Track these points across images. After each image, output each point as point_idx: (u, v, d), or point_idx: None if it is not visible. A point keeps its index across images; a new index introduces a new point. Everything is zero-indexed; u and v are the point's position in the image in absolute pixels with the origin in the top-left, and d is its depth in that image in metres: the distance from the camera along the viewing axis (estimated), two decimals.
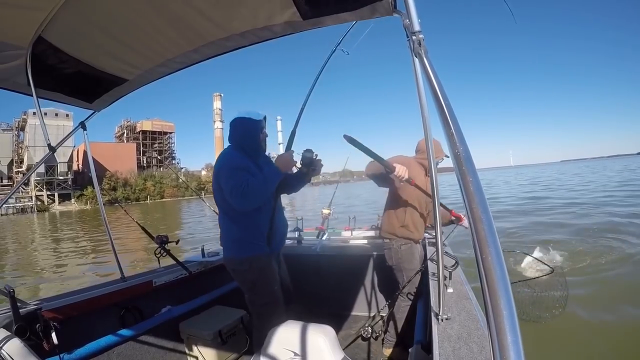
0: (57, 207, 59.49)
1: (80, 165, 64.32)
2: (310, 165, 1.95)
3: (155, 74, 1.78)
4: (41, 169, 55.43)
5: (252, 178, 1.68)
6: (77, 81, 1.72)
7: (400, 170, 1.98)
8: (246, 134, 1.86)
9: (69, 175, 61.79)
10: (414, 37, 0.92)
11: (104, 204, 2.29)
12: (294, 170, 2.00)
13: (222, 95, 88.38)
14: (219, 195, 1.80)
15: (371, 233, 3.29)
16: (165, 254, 2.23)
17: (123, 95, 1.95)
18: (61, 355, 1.54)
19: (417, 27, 0.94)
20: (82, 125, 2.03)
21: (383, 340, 2.54)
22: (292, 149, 2.02)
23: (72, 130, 2.20)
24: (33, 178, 58.08)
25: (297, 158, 1.92)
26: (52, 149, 1.75)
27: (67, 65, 1.59)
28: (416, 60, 0.93)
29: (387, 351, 2.46)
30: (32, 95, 1.60)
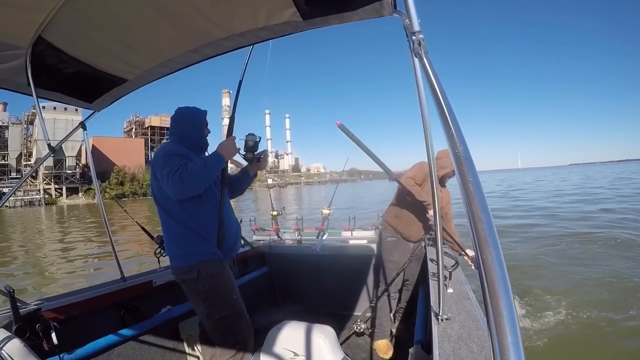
0: (65, 201, 60.41)
1: (88, 160, 65.05)
2: (255, 151, 1.75)
3: (155, 74, 1.77)
4: (49, 162, 56.22)
5: (190, 162, 1.54)
6: (77, 81, 1.71)
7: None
8: (190, 127, 1.73)
9: (77, 169, 62.62)
10: (413, 37, 0.92)
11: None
12: (239, 159, 1.82)
13: (230, 92, 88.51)
14: (157, 190, 1.62)
15: (371, 233, 3.28)
16: (165, 253, 2.23)
17: (123, 95, 1.95)
18: (61, 355, 1.54)
19: (417, 27, 0.93)
20: (82, 125, 2.04)
21: (373, 337, 2.56)
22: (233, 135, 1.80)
23: (72, 131, 2.21)
24: (41, 171, 58.94)
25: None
26: (52, 149, 1.76)
27: (67, 65, 1.58)
28: (416, 60, 0.93)
29: (388, 351, 2.45)
30: (32, 95, 1.60)
